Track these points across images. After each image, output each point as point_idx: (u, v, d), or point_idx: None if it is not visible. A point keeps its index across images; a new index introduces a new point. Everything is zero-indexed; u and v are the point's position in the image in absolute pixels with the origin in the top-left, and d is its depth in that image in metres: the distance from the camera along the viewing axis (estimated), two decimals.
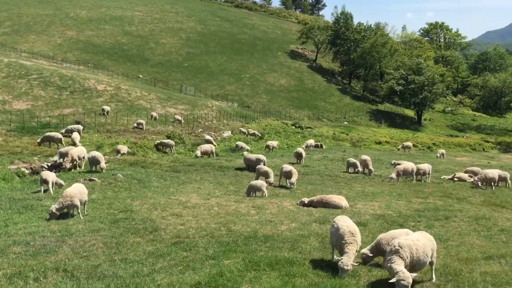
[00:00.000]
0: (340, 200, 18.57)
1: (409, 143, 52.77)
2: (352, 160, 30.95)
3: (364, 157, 30.85)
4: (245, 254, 11.61)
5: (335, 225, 11.20)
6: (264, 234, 13.65)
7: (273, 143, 42.92)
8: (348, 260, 10.09)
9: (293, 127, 61.27)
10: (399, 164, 29.54)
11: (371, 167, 29.64)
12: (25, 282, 9.37)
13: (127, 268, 10.43)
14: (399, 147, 52.20)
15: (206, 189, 22.22)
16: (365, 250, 11.10)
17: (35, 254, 11.30)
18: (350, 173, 29.62)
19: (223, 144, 42.70)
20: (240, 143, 40.32)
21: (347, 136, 60.01)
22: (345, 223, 11.14)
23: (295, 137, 53.33)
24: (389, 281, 8.96)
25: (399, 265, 9.11)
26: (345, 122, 75.38)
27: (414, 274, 10.18)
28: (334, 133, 60.44)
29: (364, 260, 10.99)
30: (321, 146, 47.44)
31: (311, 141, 47.05)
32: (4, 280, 9.35)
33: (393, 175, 26.58)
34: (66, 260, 10.79)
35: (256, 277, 9.94)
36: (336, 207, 18.02)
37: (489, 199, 21.43)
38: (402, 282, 8.75)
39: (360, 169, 29.94)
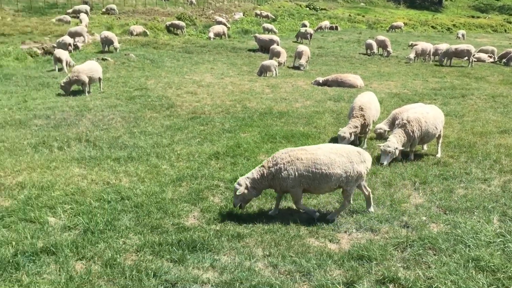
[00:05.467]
0: (355, 79, 18.35)
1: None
2: (369, 41, 30.05)
3: (381, 37, 29.90)
4: (260, 128, 11.79)
5: (355, 99, 11.22)
6: (279, 111, 13.74)
7: (326, 23, 45.32)
8: (346, 129, 10.15)
9: (307, 8, 58.74)
10: (416, 45, 28.65)
11: (389, 48, 28.85)
12: (50, 150, 9.70)
13: (146, 139, 10.70)
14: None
15: (220, 69, 22.03)
16: (381, 125, 11.16)
17: (57, 126, 11.58)
18: (368, 55, 28.88)
19: (235, 26, 41.42)
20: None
21: (363, 18, 57.61)
22: (361, 97, 11.08)
23: (309, 19, 51.27)
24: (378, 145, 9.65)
25: (393, 137, 9.30)
26: (362, 3, 71.92)
27: (425, 148, 10.43)
28: (349, 15, 58.01)
29: (381, 135, 11.07)
30: (336, 28, 45.86)
31: (326, 23, 45.40)
32: (29, 149, 9.69)
33: (411, 55, 25.97)
34: (87, 132, 11.07)
35: (272, 148, 10.17)
36: (351, 86, 17.87)
37: (508, 78, 21.02)
38: (382, 148, 9.13)
39: (375, 50, 29.19)
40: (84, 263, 5.53)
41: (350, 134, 10.14)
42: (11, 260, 5.38)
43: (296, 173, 6.65)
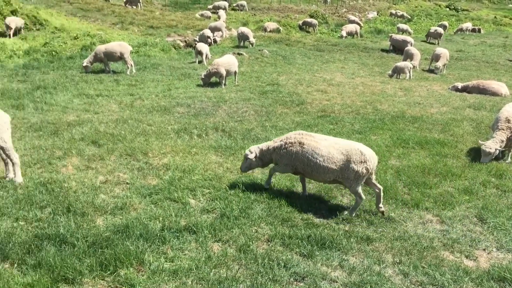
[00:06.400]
0: (499, 86, 16.95)
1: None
2: None
3: None
4: (392, 132, 11.46)
5: (501, 109, 10.41)
6: (412, 115, 13.23)
7: (468, 25, 41.86)
8: (492, 144, 9.49)
9: (447, 9, 55.29)
10: None
11: None
12: (190, 136, 10.46)
13: (277, 134, 10.95)
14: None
15: (350, 68, 21.78)
16: None
17: (196, 115, 12.45)
18: None
19: (367, 26, 40.54)
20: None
21: (511, 21, 52.71)
22: (509, 108, 10.24)
23: (449, 20, 48.20)
24: None
25: None
26: (510, 5, 65.79)
27: None
28: (495, 17, 53.38)
29: None
30: (479, 30, 42.57)
31: (468, 24, 42.26)
32: (173, 134, 10.54)
33: None
34: (223, 122, 11.71)
35: (404, 154, 9.85)
36: (494, 94, 16.54)
37: None
38: None
39: None
40: (221, 245, 5.91)
41: (496, 149, 9.45)
42: (158, 234, 5.95)
43: (293, 156, 7.12)
